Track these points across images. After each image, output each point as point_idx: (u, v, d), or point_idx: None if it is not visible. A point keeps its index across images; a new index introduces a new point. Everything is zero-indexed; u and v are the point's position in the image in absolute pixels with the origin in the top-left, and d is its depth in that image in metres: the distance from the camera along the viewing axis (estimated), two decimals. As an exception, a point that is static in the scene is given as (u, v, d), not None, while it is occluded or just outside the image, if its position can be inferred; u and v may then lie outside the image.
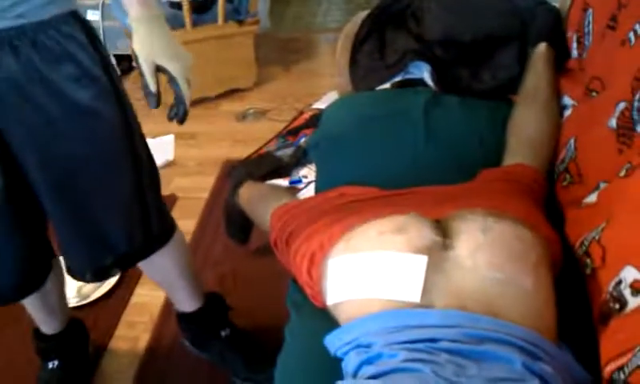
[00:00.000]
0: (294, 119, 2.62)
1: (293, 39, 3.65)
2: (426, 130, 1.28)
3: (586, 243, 0.89)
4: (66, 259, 1.21)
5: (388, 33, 1.58)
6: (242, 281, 1.81)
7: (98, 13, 3.11)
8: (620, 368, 0.69)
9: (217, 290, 1.57)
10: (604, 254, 0.83)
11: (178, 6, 2.64)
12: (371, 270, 0.84)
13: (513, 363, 0.70)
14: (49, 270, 1.25)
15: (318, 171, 1.45)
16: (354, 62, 1.60)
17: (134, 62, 3.12)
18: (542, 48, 1.32)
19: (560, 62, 1.32)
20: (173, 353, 1.59)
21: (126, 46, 3.12)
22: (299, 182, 2.17)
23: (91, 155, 1.05)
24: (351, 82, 1.61)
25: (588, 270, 0.87)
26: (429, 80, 1.47)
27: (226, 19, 2.75)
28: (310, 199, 1.18)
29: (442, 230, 0.84)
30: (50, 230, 1.19)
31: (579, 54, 1.26)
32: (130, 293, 1.80)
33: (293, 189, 2.11)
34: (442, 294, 0.78)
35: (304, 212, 1.07)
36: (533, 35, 1.37)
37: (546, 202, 1.08)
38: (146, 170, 1.16)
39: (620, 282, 0.76)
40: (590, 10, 1.22)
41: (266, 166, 2.06)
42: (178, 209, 2.17)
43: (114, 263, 1.18)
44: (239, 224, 1.72)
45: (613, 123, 0.95)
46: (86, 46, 1.00)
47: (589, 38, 1.21)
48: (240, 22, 2.81)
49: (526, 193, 1.03)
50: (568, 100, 1.23)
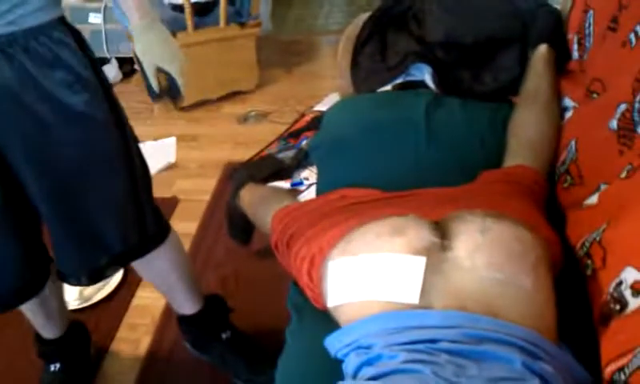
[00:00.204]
0: (295, 121, 2.62)
1: (294, 41, 3.65)
2: (427, 132, 1.28)
3: (587, 244, 0.89)
4: (59, 264, 1.20)
5: (389, 35, 1.59)
6: (243, 283, 1.81)
7: (100, 16, 3.12)
8: (620, 369, 0.69)
9: (219, 292, 1.57)
10: (605, 255, 0.83)
11: (179, 8, 2.65)
12: (370, 272, 0.84)
13: (513, 363, 0.70)
14: (48, 274, 1.25)
15: (319, 173, 1.45)
16: (355, 64, 1.61)
17: (136, 65, 3.16)
18: (542, 49, 1.32)
19: (561, 64, 1.32)
20: (174, 355, 1.59)
21: (128, 49, 3.13)
22: (300, 184, 2.17)
23: (86, 159, 1.06)
24: (352, 84, 1.61)
25: (589, 271, 0.87)
26: (430, 82, 1.47)
27: (228, 22, 2.75)
28: (311, 201, 1.19)
29: (441, 232, 0.84)
30: (46, 236, 1.19)
31: (580, 56, 1.26)
32: (132, 295, 1.81)
33: (294, 191, 2.12)
34: (441, 295, 0.79)
35: (305, 214, 1.07)
36: (534, 37, 1.36)
37: (547, 203, 1.08)
38: (139, 171, 1.17)
39: (620, 282, 0.76)
40: (591, 12, 1.22)
41: (267, 169, 2.06)
42: (179, 211, 2.17)
43: (109, 263, 1.18)
44: (241, 226, 1.72)
45: (614, 125, 0.95)
46: (77, 50, 1.01)
47: (589, 39, 1.21)
48: (242, 25, 2.82)
49: (526, 194, 1.03)
50: (569, 101, 1.23)
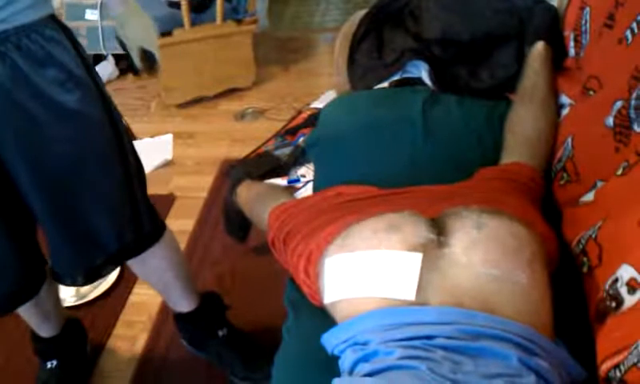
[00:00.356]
0: (292, 118, 2.61)
1: (291, 38, 3.64)
2: (424, 129, 1.28)
3: (583, 241, 0.90)
4: (54, 265, 1.20)
5: (386, 32, 1.58)
6: (240, 280, 1.81)
7: (96, 12, 3.10)
8: (616, 366, 0.69)
9: (215, 289, 1.57)
10: (601, 253, 0.83)
11: (176, 5, 2.64)
12: (366, 269, 0.84)
13: (509, 359, 0.70)
14: (43, 278, 1.24)
15: (316, 170, 1.45)
16: (352, 61, 1.60)
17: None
18: (539, 47, 1.32)
19: (557, 61, 1.32)
20: (171, 352, 1.59)
21: (124, 46, 3.11)
22: (297, 181, 2.16)
23: (80, 157, 1.05)
24: (349, 81, 1.61)
25: (585, 269, 0.87)
26: (427, 79, 1.47)
27: (225, 18, 2.74)
28: (308, 198, 1.18)
29: (438, 228, 0.84)
30: (40, 237, 1.18)
31: (576, 53, 1.26)
32: (129, 292, 1.80)
33: (291, 188, 2.11)
34: (438, 292, 0.79)
35: (302, 211, 1.07)
36: (530, 34, 1.36)
37: (544, 200, 1.08)
38: (134, 169, 1.17)
39: (616, 280, 0.76)
40: (588, 9, 1.22)
41: (264, 166, 2.05)
42: (176, 208, 2.16)
43: (104, 262, 1.18)
44: (238, 223, 1.71)
45: (610, 122, 0.95)
46: (69, 48, 1.01)
47: (586, 36, 1.21)
48: (238, 22, 2.81)
49: (522, 191, 1.03)
50: (565, 99, 1.23)
